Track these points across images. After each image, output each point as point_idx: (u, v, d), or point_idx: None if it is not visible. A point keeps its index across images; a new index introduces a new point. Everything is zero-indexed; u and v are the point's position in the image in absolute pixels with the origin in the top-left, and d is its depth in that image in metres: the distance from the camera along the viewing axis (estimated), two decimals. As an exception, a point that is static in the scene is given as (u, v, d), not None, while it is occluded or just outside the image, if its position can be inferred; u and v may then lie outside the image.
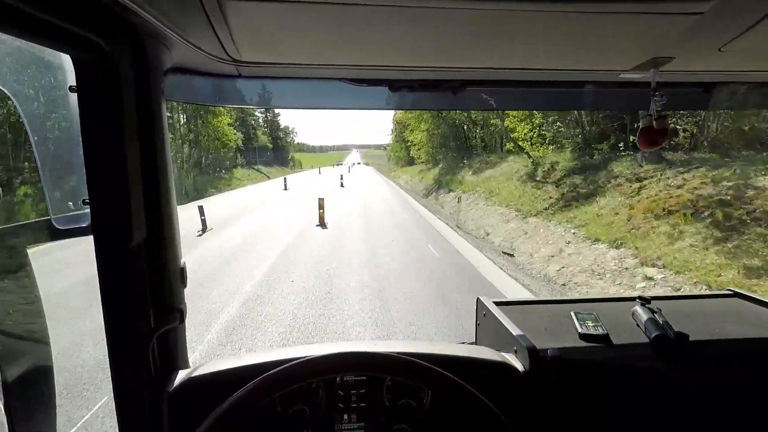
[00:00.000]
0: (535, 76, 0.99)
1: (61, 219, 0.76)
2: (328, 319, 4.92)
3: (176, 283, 0.89)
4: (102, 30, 0.63)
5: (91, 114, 0.70)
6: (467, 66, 0.90)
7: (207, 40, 0.74)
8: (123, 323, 0.80)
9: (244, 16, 0.63)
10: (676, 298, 1.34)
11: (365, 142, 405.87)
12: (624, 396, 0.94)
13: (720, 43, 0.73)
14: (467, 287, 6.12)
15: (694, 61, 0.86)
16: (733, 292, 1.36)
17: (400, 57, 0.84)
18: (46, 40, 0.58)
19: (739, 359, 0.99)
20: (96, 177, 0.72)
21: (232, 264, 7.39)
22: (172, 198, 0.86)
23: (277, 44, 0.77)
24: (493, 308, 1.17)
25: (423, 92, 1.02)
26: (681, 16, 0.61)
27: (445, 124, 24.58)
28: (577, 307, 1.18)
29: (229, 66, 0.88)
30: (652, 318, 1.06)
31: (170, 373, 0.90)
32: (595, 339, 1.02)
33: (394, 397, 0.93)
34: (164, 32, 0.70)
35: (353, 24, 0.66)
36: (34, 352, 0.85)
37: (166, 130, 0.83)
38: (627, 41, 0.74)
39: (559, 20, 0.64)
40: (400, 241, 9.42)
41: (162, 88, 0.81)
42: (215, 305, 5.32)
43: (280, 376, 0.69)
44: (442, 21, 0.64)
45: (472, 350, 1.02)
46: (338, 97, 1.05)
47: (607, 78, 1.00)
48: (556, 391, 0.94)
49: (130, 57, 0.71)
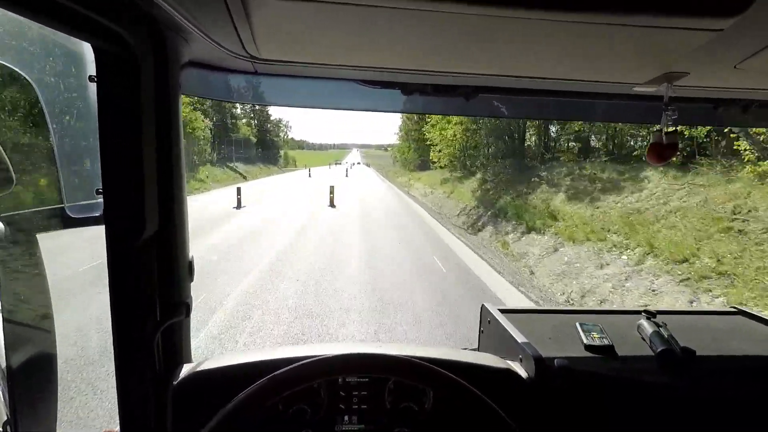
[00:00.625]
0: (548, 85, 0.99)
1: (75, 207, 0.77)
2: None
3: (184, 277, 0.89)
4: (123, 20, 0.64)
5: (109, 104, 0.70)
6: (481, 72, 0.90)
7: (226, 36, 0.74)
8: (130, 315, 0.80)
9: (265, 14, 0.63)
10: (681, 313, 1.33)
11: (366, 141, 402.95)
12: (629, 408, 0.93)
13: (736, 60, 0.73)
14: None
15: (708, 77, 0.85)
16: (737, 309, 1.36)
17: (415, 61, 0.84)
18: (69, 28, 0.59)
19: (745, 376, 0.98)
20: (111, 167, 0.72)
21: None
22: (184, 191, 0.86)
23: (295, 43, 0.77)
24: (498, 316, 1.17)
25: (435, 96, 1.02)
26: (699, 32, 0.61)
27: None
28: (581, 318, 1.17)
29: (246, 62, 0.89)
30: (658, 332, 1.05)
31: (174, 367, 0.90)
32: (600, 350, 1.01)
33: (395, 399, 0.93)
34: (184, 26, 0.70)
35: (370, 26, 0.66)
36: (38, 340, 0.85)
37: (181, 124, 0.83)
38: (642, 55, 0.74)
39: (574, 31, 0.64)
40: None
41: (179, 82, 0.81)
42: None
43: (289, 375, 0.68)
44: (456, 27, 0.64)
45: (477, 357, 1.02)
46: (351, 98, 1.05)
47: (620, 90, 1.00)
48: (560, 400, 0.93)
49: (149, 49, 0.71)
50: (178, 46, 0.78)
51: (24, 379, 0.79)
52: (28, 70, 0.70)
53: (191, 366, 0.92)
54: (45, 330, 0.85)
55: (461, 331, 4.70)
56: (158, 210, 0.79)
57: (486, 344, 1.23)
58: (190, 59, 0.87)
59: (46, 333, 0.85)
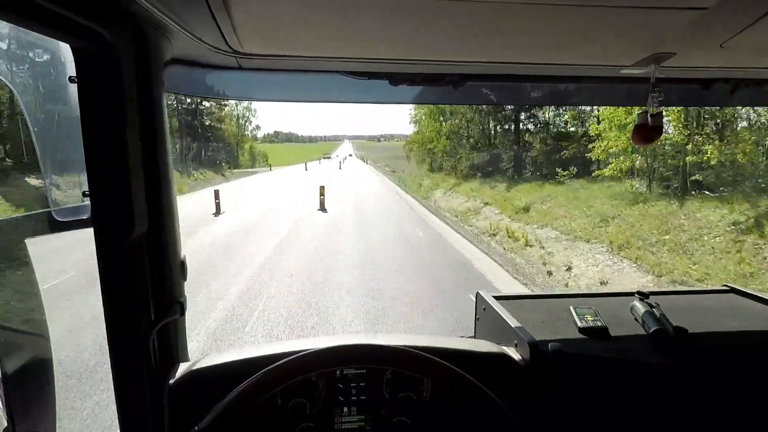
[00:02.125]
0: (536, 70, 0.99)
1: (61, 211, 0.76)
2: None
3: (177, 276, 0.89)
4: (103, 19, 0.62)
5: (91, 105, 0.69)
6: (468, 60, 0.90)
7: (208, 31, 0.73)
8: (124, 316, 0.80)
9: (246, 7, 0.63)
10: (673, 293, 1.35)
11: (359, 132, 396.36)
12: (624, 389, 0.95)
13: (722, 39, 0.73)
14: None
15: (694, 57, 0.86)
16: (729, 288, 1.37)
17: (401, 50, 0.83)
18: (46, 29, 0.58)
19: (737, 353, 1.00)
20: (96, 169, 0.71)
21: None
22: (173, 190, 0.86)
23: (279, 36, 0.76)
24: (493, 302, 1.18)
25: (423, 86, 1.01)
26: (685, 11, 0.61)
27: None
28: (575, 302, 1.18)
29: (230, 58, 0.88)
30: (651, 312, 1.06)
31: (170, 366, 0.90)
32: (594, 333, 1.02)
33: (394, 390, 0.93)
34: (166, 23, 0.69)
35: (354, 16, 0.66)
36: (33, 344, 0.85)
37: (166, 122, 0.82)
38: (629, 37, 0.74)
39: (560, 15, 0.64)
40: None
41: (162, 80, 0.80)
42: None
43: (282, 369, 0.69)
44: (443, 14, 0.64)
45: (473, 344, 1.03)
46: (338, 91, 1.04)
47: (608, 73, 1.00)
48: (556, 383, 0.95)
49: (131, 47, 0.70)
50: (160, 44, 0.76)
51: (20, 385, 0.78)
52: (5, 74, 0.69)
53: (188, 365, 0.92)
54: (39, 335, 0.85)
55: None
56: (147, 210, 0.78)
57: (482, 331, 1.24)
58: (173, 56, 0.85)
59: (40, 338, 0.85)
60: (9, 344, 0.79)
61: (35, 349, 0.85)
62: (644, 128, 0.90)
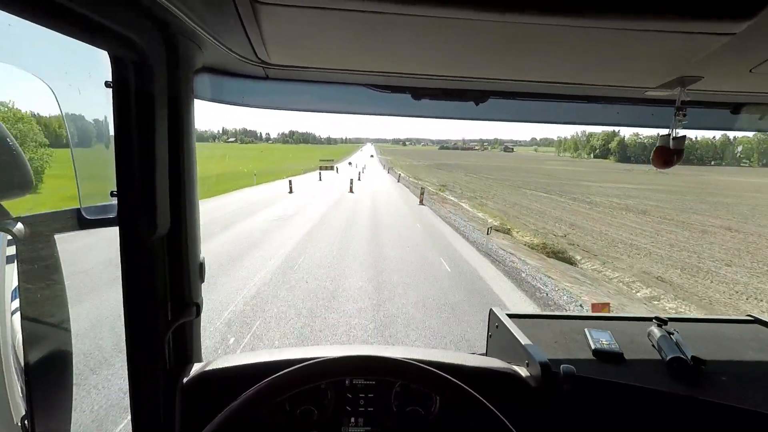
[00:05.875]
0: (559, 90, 0.99)
1: (90, 209, 0.79)
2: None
3: (195, 277, 0.91)
4: (138, 28, 0.65)
5: (124, 109, 0.72)
6: (491, 77, 0.90)
7: (238, 42, 0.76)
8: (142, 314, 0.82)
9: (276, 20, 0.64)
10: (693, 320, 1.31)
11: (381, 135, 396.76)
12: (636, 415, 0.92)
13: (752, 63, 0.72)
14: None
15: (722, 81, 0.84)
16: (753, 318, 1.32)
17: (424, 65, 0.84)
18: (86, 36, 0.61)
19: (757, 385, 0.96)
20: (125, 170, 0.74)
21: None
22: (196, 194, 0.88)
23: (306, 48, 0.78)
24: (506, 320, 1.16)
25: (445, 101, 1.02)
26: (712, 36, 0.60)
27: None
28: (591, 324, 1.16)
29: (257, 68, 0.90)
30: (668, 339, 1.04)
31: (184, 366, 0.92)
32: (608, 356, 1.00)
33: (402, 403, 0.93)
34: (198, 33, 0.72)
35: (379, 32, 0.67)
36: (55, 337, 0.88)
37: (193, 128, 0.85)
38: (655, 59, 0.73)
39: (585, 36, 0.63)
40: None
41: (192, 87, 0.83)
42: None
43: (296, 375, 0.69)
44: (467, 32, 0.64)
45: (484, 361, 1.01)
46: (361, 103, 1.06)
47: (633, 95, 0.99)
48: (566, 405, 0.93)
49: (163, 55, 0.73)
50: (191, 53, 0.79)
51: (41, 375, 0.81)
52: (48, 78, 0.73)
53: (201, 365, 0.93)
54: (62, 328, 0.87)
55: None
56: (170, 212, 0.80)
57: (494, 348, 1.23)
58: (203, 65, 0.88)
59: (62, 331, 0.87)
60: (33, 336, 0.82)
61: (57, 343, 0.87)
62: (665, 151, 0.88)
